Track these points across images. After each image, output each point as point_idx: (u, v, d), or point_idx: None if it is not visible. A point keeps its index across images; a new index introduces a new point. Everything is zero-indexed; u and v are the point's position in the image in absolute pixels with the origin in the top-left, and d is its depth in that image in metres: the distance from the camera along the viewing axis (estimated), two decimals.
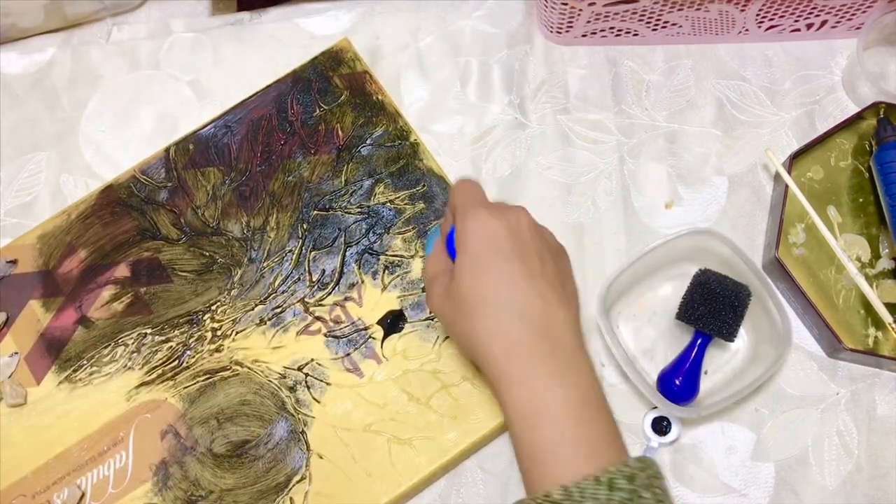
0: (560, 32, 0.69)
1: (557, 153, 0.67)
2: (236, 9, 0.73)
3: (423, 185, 0.63)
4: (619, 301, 0.62)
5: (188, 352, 0.60)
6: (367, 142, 0.64)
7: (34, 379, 0.60)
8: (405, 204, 0.63)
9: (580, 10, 0.65)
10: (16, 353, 0.61)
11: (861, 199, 0.64)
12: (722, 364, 0.61)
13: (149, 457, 0.57)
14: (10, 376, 0.60)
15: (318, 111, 0.66)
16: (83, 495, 0.57)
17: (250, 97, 0.66)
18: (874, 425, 0.59)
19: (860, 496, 0.58)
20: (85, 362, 0.60)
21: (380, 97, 0.66)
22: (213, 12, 0.73)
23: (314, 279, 0.61)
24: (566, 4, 0.65)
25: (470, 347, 0.45)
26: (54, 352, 0.60)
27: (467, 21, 0.71)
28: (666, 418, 0.59)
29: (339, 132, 0.65)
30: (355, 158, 0.64)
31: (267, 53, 0.71)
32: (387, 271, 0.61)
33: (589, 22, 0.67)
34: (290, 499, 0.56)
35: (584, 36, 0.69)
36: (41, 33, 0.72)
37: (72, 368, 0.60)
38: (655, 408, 0.59)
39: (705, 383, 0.60)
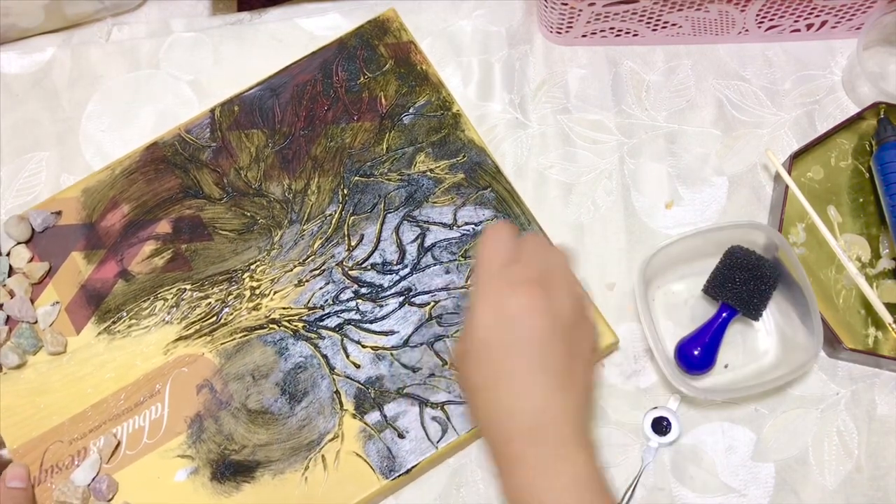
0: (560, 32, 0.69)
1: (558, 153, 0.67)
2: (236, 9, 0.73)
3: (464, 156, 0.64)
4: (659, 276, 0.63)
5: (226, 309, 0.61)
6: (410, 111, 0.65)
7: (74, 329, 0.61)
8: (445, 174, 0.63)
9: (580, 10, 0.65)
10: (57, 302, 0.62)
11: (861, 199, 0.64)
12: (746, 361, 0.61)
13: (184, 410, 0.59)
14: (50, 325, 0.61)
15: (362, 78, 0.67)
16: (119, 444, 0.58)
17: (295, 62, 0.68)
18: (874, 425, 0.59)
19: (860, 496, 0.58)
20: (124, 314, 0.62)
21: (424, 67, 0.67)
22: (213, 12, 0.73)
23: (353, 243, 0.62)
24: (566, 5, 0.65)
25: (474, 420, 0.45)
26: (94, 303, 0.62)
27: (468, 20, 0.71)
28: (666, 418, 0.59)
29: (383, 100, 0.66)
30: (397, 127, 0.65)
31: (267, 53, 0.71)
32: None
33: (589, 22, 0.67)
34: (322, 456, 0.57)
35: (584, 36, 0.69)
36: (41, 33, 0.72)
37: (111, 320, 0.62)
38: (656, 408, 0.59)
39: (723, 377, 0.60)
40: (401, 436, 0.57)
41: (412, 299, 0.61)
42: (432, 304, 0.60)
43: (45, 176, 0.68)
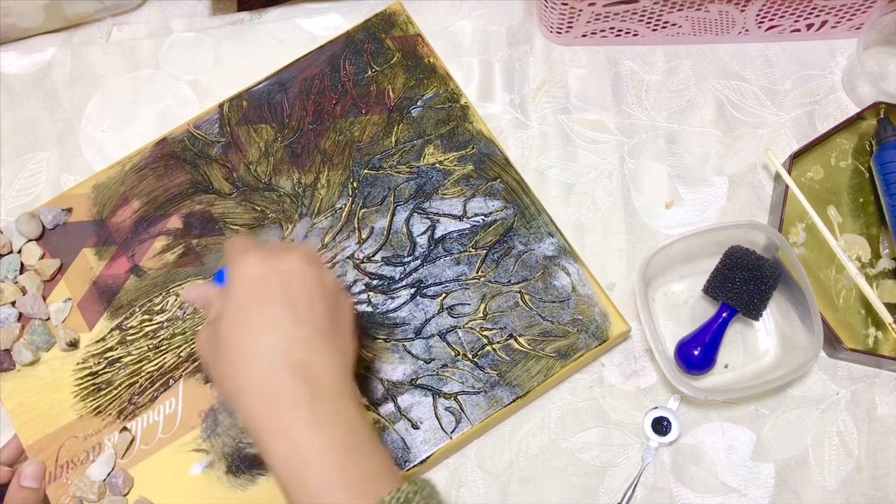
0: (560, 32, 0.69)
1: (558, 153, 0.67)
2: (236, 9, 0.73)
3: (473, 148, 0.64)
4: (659, 276, 0.63)
5: None
6: (418, 103, 0.66)
7: (86, 324, 0.62)
8: (454, 165, 0.64)
9: (580, 10, 0.65)
10: (69, 298, 0.62)
11: (861, 199, 0.64)
12: (746, 361, 0.61)
13: (198, 404, 0.59)
14: (63, 321, 0.62)
15: (369, 72, 0.67)
16: (133, 439, 0.58)
17: (303, 57, 0.68)
18: (874, 425, 0.59)
19: (860, 496, 0.58)
20: (136, 310, 0.62)
21: (431, 60, 0.67)
22: (213, 12, 0.73)
23: (363, 236, 0.62)
24: (566, 5, 0.65)
25: (229, 394, 0.44)
26: (106, 299, 0.62)
27: (468, 20, 0.71)
28: (666, 418, 0.59)
29: (391, 93, 0.66)
30: (406, 119, 0.65)
31: (267, 53, 0.71)
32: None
33: (589, 22, 0.67)
34: None
35: (584, 36, 0.69)
36: (41, 33, 0.72)
37: (123, 316, 0.62)
38: (656, 408, 0.59)
39: (723, 377, 0.60)
40: (415, 426, 0.57)
41: (424, 291, 0.61)
42: (444, 295, 0.60)
43: (45, 176, 0.68)
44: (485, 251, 0.61)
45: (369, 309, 0.61)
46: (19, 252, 0.63)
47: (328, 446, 0.41)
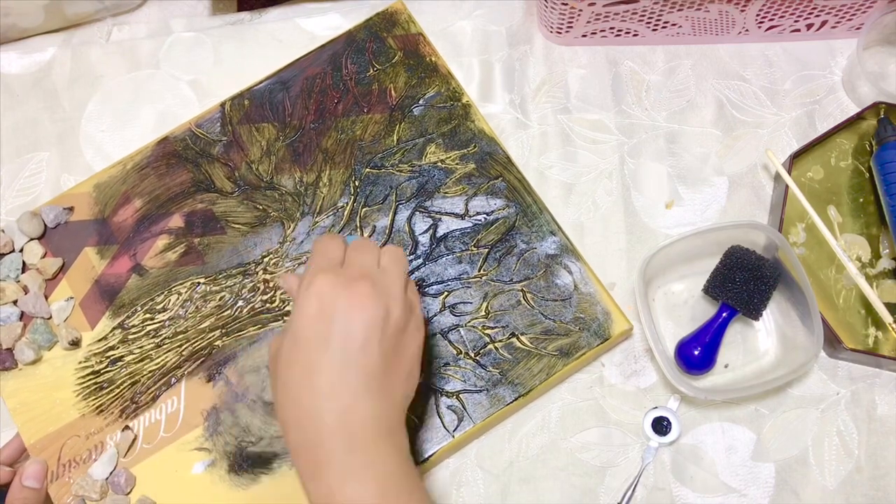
0: (560, 32, 0.69)
1: (558, 153, 0.67)
2: (236, 9, 0.73)
3: (475, 147, 0.64)
4: (659, 276, 0.63)
5: (240, 302, 0.61)
6: (420, 102, 0.66)
7: (88, 323, 0.62)
8: (456, 164, 0.64)
9: (580, 10, 0.65)
10: (71, 297, 0.62)
11: (861, 199, 0.64)
12: (746, 361, 0.61)
13: (200, 403, 0.59)
14: (65, 320, 0.62)
15: (371, 71, 0.67)
16: (135, 438, 0.58)
17: (304, 56, 0.68)
18: (874, 425, 0.59)
19: (860, 496, 0.58)
20: (138, 309, 0.62)
21: (433, 59, 0.67)
22: (213, 12, 0.73)
23: (365, 235, 0.62)
24: (566, 5, 0.65)
25: (280, 421, 0.45)
26: (108, 298, 0.62)
27: (468, 20, 0.71)
28: (666, 418, 0.59)
29: (392, 92, 0.66)
30: (407, 118, 0.65)
31: (267, 53, 0.71)
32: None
33: (589, 22, 0.67)
34: None
35: (584, 36, 0.69)
36: (41, 33, 0.72)
37: (125, 315, 0.62)
38: (656, 408, 0.59)
39: (723, 377, 0.60)
40: (417, 425, 0.57)
41: (426, 289, 0.61)
42: (446, 293, 0.60)
43: (45, 176, 0.68)
44: (487, 250, 0.61)
45: None
46: (21, 251, 0.63)
47: (359, 496, 0.41)
